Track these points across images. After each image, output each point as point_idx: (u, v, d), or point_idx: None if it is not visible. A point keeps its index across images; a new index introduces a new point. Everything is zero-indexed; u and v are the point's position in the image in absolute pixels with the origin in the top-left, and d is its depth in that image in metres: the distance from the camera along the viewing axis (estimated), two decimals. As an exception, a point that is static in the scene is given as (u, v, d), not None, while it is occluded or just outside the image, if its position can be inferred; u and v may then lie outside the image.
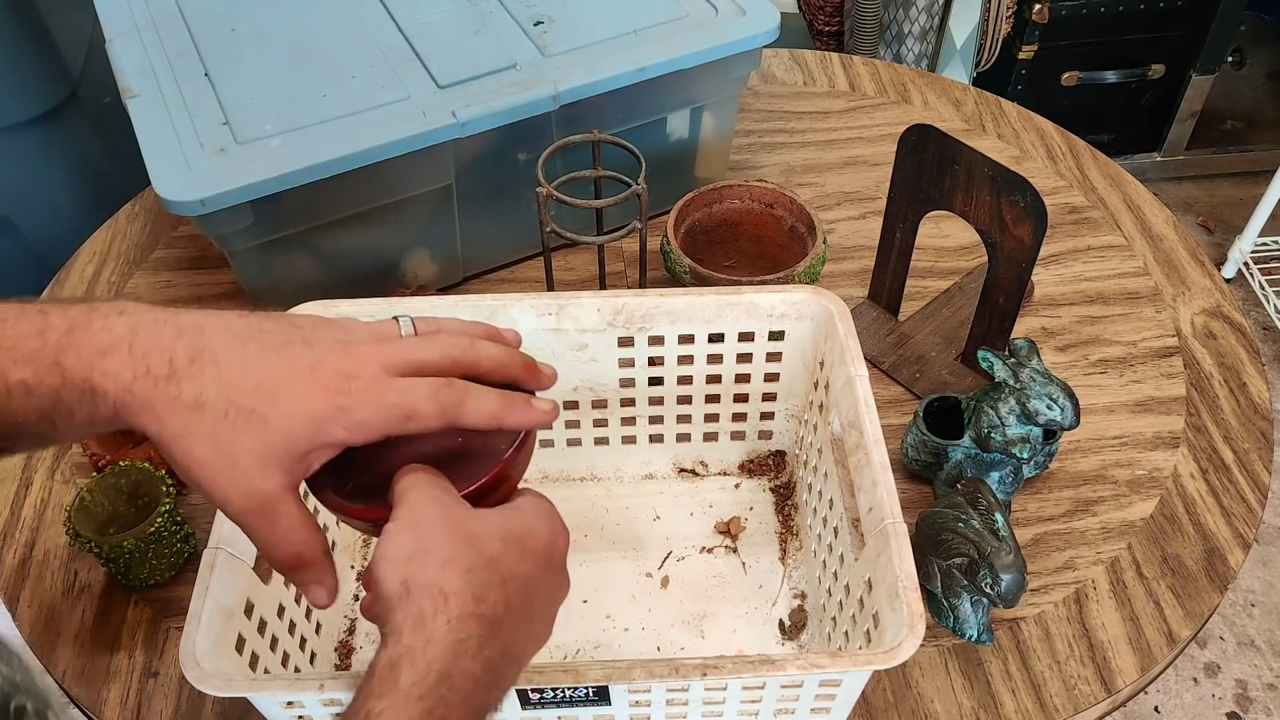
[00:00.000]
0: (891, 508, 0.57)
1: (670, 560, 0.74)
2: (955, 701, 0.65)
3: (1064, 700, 0.65)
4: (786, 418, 0.77)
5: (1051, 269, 0.90)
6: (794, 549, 0.74)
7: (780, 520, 0.76)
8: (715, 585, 0.72)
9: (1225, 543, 0.72)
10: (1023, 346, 0.70)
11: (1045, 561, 0.71)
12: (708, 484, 0.78)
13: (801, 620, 0.70)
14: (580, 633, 0.70)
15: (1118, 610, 0.69)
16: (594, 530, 0.76)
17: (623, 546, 0.75)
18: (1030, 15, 1.75)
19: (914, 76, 1.11)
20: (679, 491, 0.78)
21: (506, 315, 0.67)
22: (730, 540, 0.74)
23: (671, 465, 0.79)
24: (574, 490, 0.78)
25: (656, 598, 0.72)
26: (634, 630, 0.70)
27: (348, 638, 0.70)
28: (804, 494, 0.75)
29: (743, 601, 0.71)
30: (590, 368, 0.71)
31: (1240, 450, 0.77)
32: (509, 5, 0.85)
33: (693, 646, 0.69)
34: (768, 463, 0.79)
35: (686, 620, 0.71)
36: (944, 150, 0.72)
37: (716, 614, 0.71)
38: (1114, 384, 0.82)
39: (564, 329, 0.68)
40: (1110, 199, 0.97)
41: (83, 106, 1.19)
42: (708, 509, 0.77)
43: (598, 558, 0.74)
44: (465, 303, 0.66)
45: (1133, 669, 0.66)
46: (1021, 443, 0.68)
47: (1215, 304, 0.87)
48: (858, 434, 0.61)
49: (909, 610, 0.52)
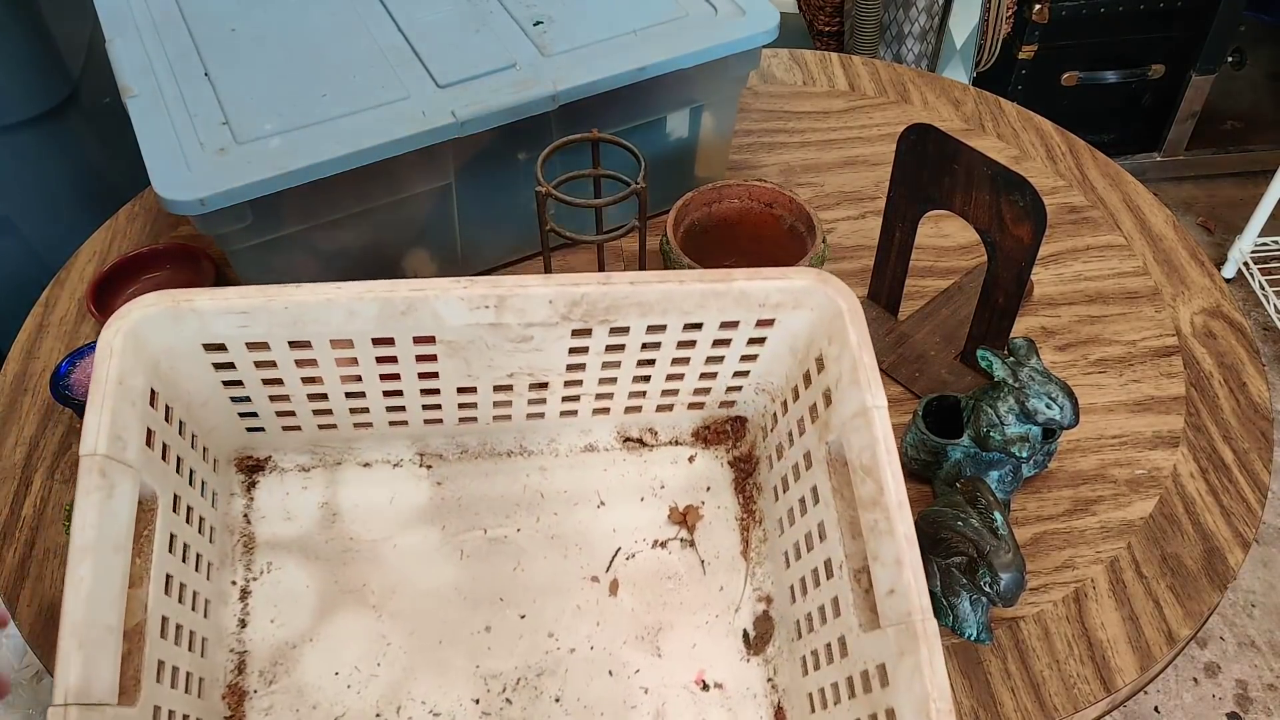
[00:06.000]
0: (921, 600, 0.48)
1: (619, 558, 0.66)
2: (954, 701, 0.65)
3: (1063, 700, 0.65)
4: (756, 391, 0.67)
5: (1051, 268, 0.90)
6: (757, 539, 0.67)
7: (740, 502, 0.69)
8: (671, 588, 0.66)
9: (1225, 542, 0.72)
10: (1022, 346, 0.70)
11: (1044, 561, 0.71)
12: (658, 456, 0.70)
13: (768, 630, 0.65)
14: (520, 657, 0.63)
15: (1117, 610, 0.69)
16: (528, 523, 0.67)
17: (563, 543, 0.67)
18: (1030, 15, 1.75)
19: (913, 76, 1.12)
20: (625, 469, 0.69)
21: (428, 310, 0.56)
22: (686, 532, 0.68)
23: (615, 435, 0.70)
24: (499, 467, 0.69)
25: (605, 607, 0.65)
26: (581, 650, 0.64)
27: (237, 679, 0.61)
28: (767, 474, 0.67)
29: (702, 608, 0.66)
30: (532, 357, 0.62)
31: (1240, 450, 0.77)
32: (508, 5, 0.85)
33: (649, 668, 0.63)
34: (725, 429, 0.70)
35: (640, 635, 0.64)
36: (943, 149, 0.72)
37: (674, 625, 0.65)
38: (1113, 383, 0.82)
39: (504, 324, 0.58)
40: (1110, 198, 0.97)
41: (83, 106, 1.19)
42: (659, 490, 0.69)
43: (534, 559, 0.66)
44: (372, 294, 0.55)
45: (1132, 668, 0.66)
46: (1020, 442, 0.68)
47: (1215, 303, 0.87)
48: (875, 487, 0.52)
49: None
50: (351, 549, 0.67)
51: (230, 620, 0.63)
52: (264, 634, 0.63)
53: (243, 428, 0.65)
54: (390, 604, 0.65)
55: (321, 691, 0.62)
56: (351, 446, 0.70)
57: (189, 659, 0.56)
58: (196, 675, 0.57)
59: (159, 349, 0.55)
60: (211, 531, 0.63)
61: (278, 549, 0.66)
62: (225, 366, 0.59)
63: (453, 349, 0.59)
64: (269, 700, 0.61)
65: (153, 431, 0.54)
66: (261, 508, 0.67)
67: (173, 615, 0.55)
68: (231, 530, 0.66)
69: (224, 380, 0.60)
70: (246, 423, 0.65)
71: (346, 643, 0.63)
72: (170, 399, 0.57)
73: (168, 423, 0.57)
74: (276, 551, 0.66)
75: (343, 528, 0.67)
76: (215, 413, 0.62)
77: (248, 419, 0.65)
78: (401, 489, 0.69)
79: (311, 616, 0.64)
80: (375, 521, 0.68)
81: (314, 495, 0.68)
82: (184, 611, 0.56)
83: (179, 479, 0.58)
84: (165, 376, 0.56)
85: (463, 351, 0.60)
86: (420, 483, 0.69)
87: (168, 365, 0.56)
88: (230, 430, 0.65)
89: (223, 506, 0.66)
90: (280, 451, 0.69)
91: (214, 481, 0.65)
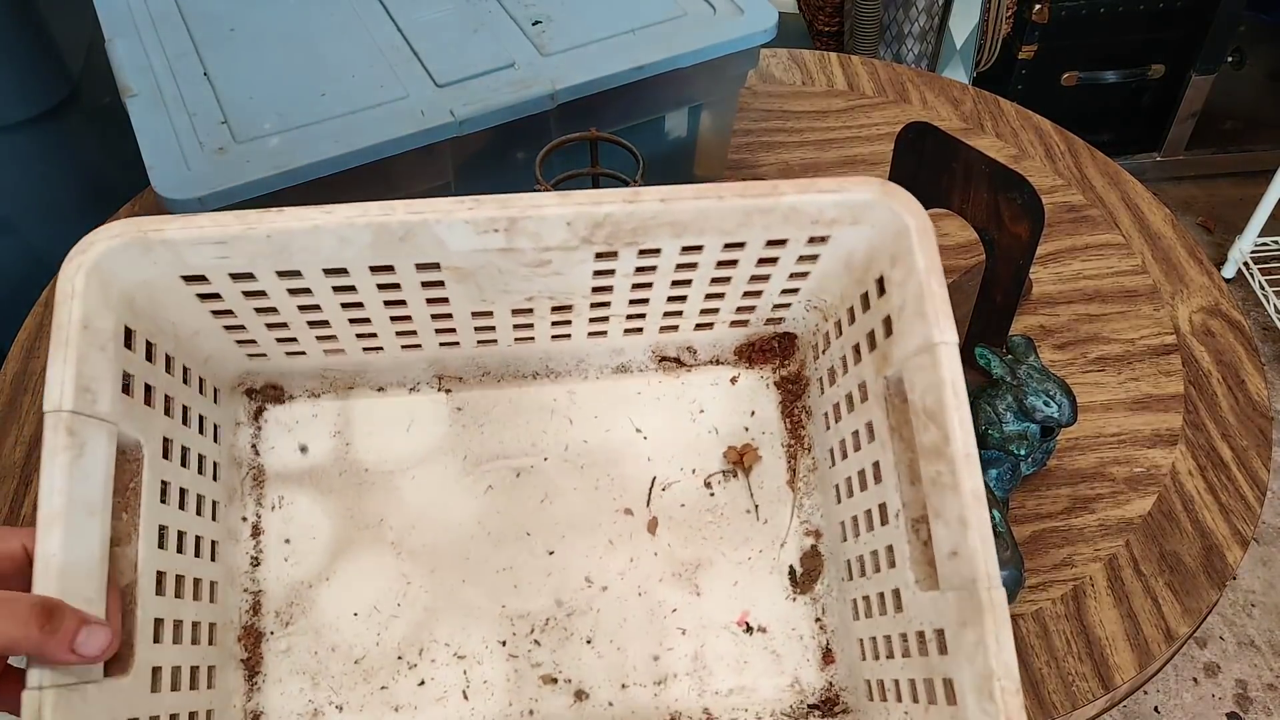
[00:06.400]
0: (989, 567, 0.43)
1: (655, 489, 0.62)
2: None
3: (1062, 697, 0.65)
4: (806, 308, 0.61)
5: (1050, 267, 0.90)
6: (805, 468, 0.62)
7: (788, 428, 0.63)
8: (711, 523, 0.61)
9: (1224, 540, 0.72)
10: (1020, 343, 0.70)
11: (1043, 559, 0.71)
12: (697, 377, 0.64)
13: (816, 567, 0.60)
14: (548, 595, 0.60)
15: (1116, 607, 0.69)
16: (556, 452, 0.63)
17: (594, 473, 0.62)
18: (1030, 15, 1.76)
19: (912, 76, 1.12)
20: (661, 391, 0.64)
21: (429, 235, 0.50)
22: (739, 470, 0.62)
23: (650, 354, 0.64)
24: (524, 390, 0.64)
25: (640, 542, 0.61)
26: (614, 588, 0.60)
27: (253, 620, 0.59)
28: (818, 398, 0.61)
29: (744, 543, 0.61)
30: (552, 281, 0.56)
31: (1239, 448, 0.77)
32: (507, 4, 0.85)
33: (687, 607, 0.60)
34: (771, 346, 0.64)
35: (677, 573, 0.60)
36: (941, 148, 0.73)
37: (713, 561, 0.61)
38: (1112, 381, 0.82)
39: (517, 249, 0.52)
40: (1108, 197, 0.97)
41: (83, 106, 1.19)
42: (698, 414, 0.63)
43: (563, 491, 0.62)
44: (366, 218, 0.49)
45: (1131, 666, 0.66)
46: (1019, 439, 0.68)
47: (1214, 302, 0.88)
48: (939, 435, 0.46)
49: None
50: (367, 481, 0.62)
51: (242, 559, 0.59)
52: (278, 573, 0.60)
53: (243, 354, 0.60)
54: (410, 540, 0.61)
55: (340, 633, 0.59)
56: (363, 371, 0.64)
57: (195, 608, 0.53)
58: (206, 622, 0.54)
59: (131, 284, 0.50)
60: (216, 468, 0.59)
61: (289, 482, 0.62)
62: (212, 297, 0.53)
63: (461, 275, 0.54)
64: (286, 642, 0.58)
65: (130, 375, 0.49)
66: (270, 438, 0.63)
67: (171, 567, 0.51)
68: (239, 463, 0.61)
69: (213, 310, 0.54)
70: (246, 350, 0.60)
71: (365, 582, 0.60)
72: (151, 334, 0.52)
73: (150, 361, 0.52)
74: (288, 485, 0.62)
75: (357, 458, 0.63)
76: (209, 341, 0.57)
77: (247, 346, 0.59)
78: (419, 415, 0.64)
79: (327, 554, 0.61)
80: (391, 451, 0.63)
81: (325, 423, 0.63)
82: (185, 560, 0.53)
83: (169, 420, 0.53)
84: (142, 311, 0.51)
85: (472, 277, 0.54)
86: (439, 408, 0.64)
87: (145, 299, 0.51)
88: (229, 358, 0.60)
89: (227, 439, 0.61)
90: (287, 377, 0.63)
91: (215, 414, 0.60)
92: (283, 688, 0.57)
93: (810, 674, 0.59)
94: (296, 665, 0.58)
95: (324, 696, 0.57)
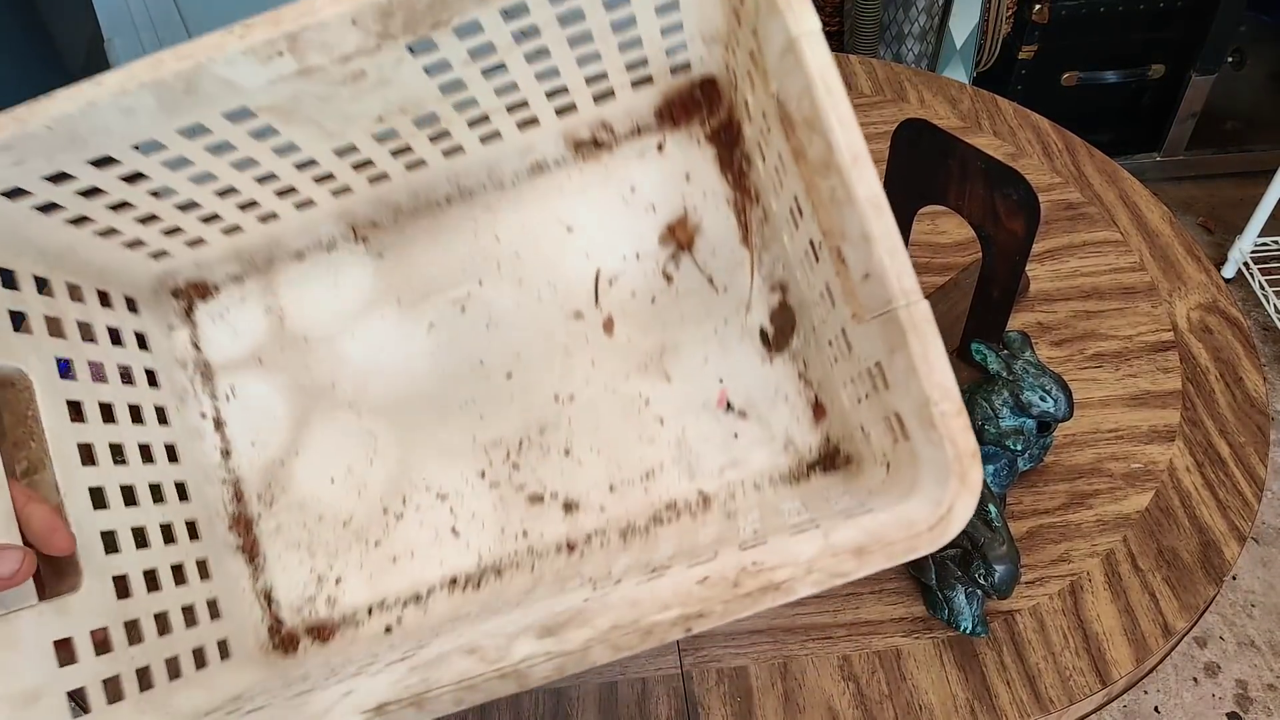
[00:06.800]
0: (901, 281, 0.38)
1: (601, 284, 0.58)
2: (950, 693, 0.65)
3: (1059, 692, 0.65)
4: (705, 41, 0.54)
5: (1047, 264, 0.90)
6: (757, 220, 0.56)
7: (731, 182, 0.57)
8: (667, 303, 0.57)
9: (1221, 535, 0.72)
10: (1016, 339, 0.70)
11: (1040, 554, 0.71)
12: (620, 156, 0.59)
13: (788, 322, 0.55)
14: (516, 418, 0.57)
15: (1113, 602, 0.69)
16: (489, 272, 0.59)
17: (534, 284, 0.58)
18: (1030, 15, 1.76)
19: (910, 75, 1.12)
20: (585, 180, 0.59)
21: (215, 81, 0.45)
22: (682, 249, 0.57)
23: (564, 143, 0.59)
24: (441, 220, 0.60)
25: (598, 343, 0.57)
26: (581, 395, 0.57)
27: (238, 508, 0.59)
28: (755, 137, 0.54)
29: (707, 316, 0.57)
30: (386, 93, 0.50)
31: (1236, 444, 0.77)
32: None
33: (660, 396, 0.56)
34: (694, 98, 0.57)
35: (643, 364, 0.57)
36: (937, 145, 0.73)
37: (678, 344, 0.57)
38: (1109, 378, 0.82)
39: (315, 67, 0.46)
40: (1106, 195, 0.97)
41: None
42: (630, 195, 0.58)
43: (507, 310, 0.59)
44: (136, 80, 0.44)
45: (1128, 660, 0.66)
46: (1015, 435, 0.68)
47: (1211, 299, 0.88)
48: (823, 145, 0.40)
49: (953, 447, 0.37)
50: (310, 350, 0.61)
51: (212, 453, 0.60)
52: (250, 458, 0.60)
53: (141, 257, 0.58)
54: (366, 397, 0.60)
55: (322, 502, 0.59)
56: (274, 241, 0.61)
57: (159, 511, 0.53)
58: (181, 520, 0.54)
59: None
60: (153, 374, 0.58)
61: (236, 369, 0.61)
62: (52, 208, 0.50)
63: (284, 115, 0.49)
64: (274, 521, 0.59)
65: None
66: (207, 332, 0.61)
67: (113, 479, 0.51)
68: (183, 364, 0.61)
69: (66, 220, 0.51)
70: (139, 252, 0.57)
71: (333, 447, 0.60)
72: (7, 261, 0.50)
73: (13, 288, 0.49)
74: (236, 372, 0.61)
75: (295, 329, 0.62)
76: (91, 253, 0.55)
77: (136, 248, 0.57)
78: (343, 271, 0.62)
79: (290, 429, 0.60)
80: (326, 314, 0.62)
81: (255, 303, 0.62)
82: (129, 470, 0.53)
83: (61, 342, 0.51)
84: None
85: (298, 114, 0.50)
86: (361, 259, 0.61)
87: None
88: (127, 265, 0.58)
89: (161, 343, 0.60)
90: (204, 268, 0.61)
91: (135, 323, 0.58)
92: (283, 563, 0.59)
93: (803, 432, 0.56)
94: (290, 540, 0.59)
95: (323, 563, 0.59)
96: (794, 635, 0.68)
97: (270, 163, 0.54)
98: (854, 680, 0.66)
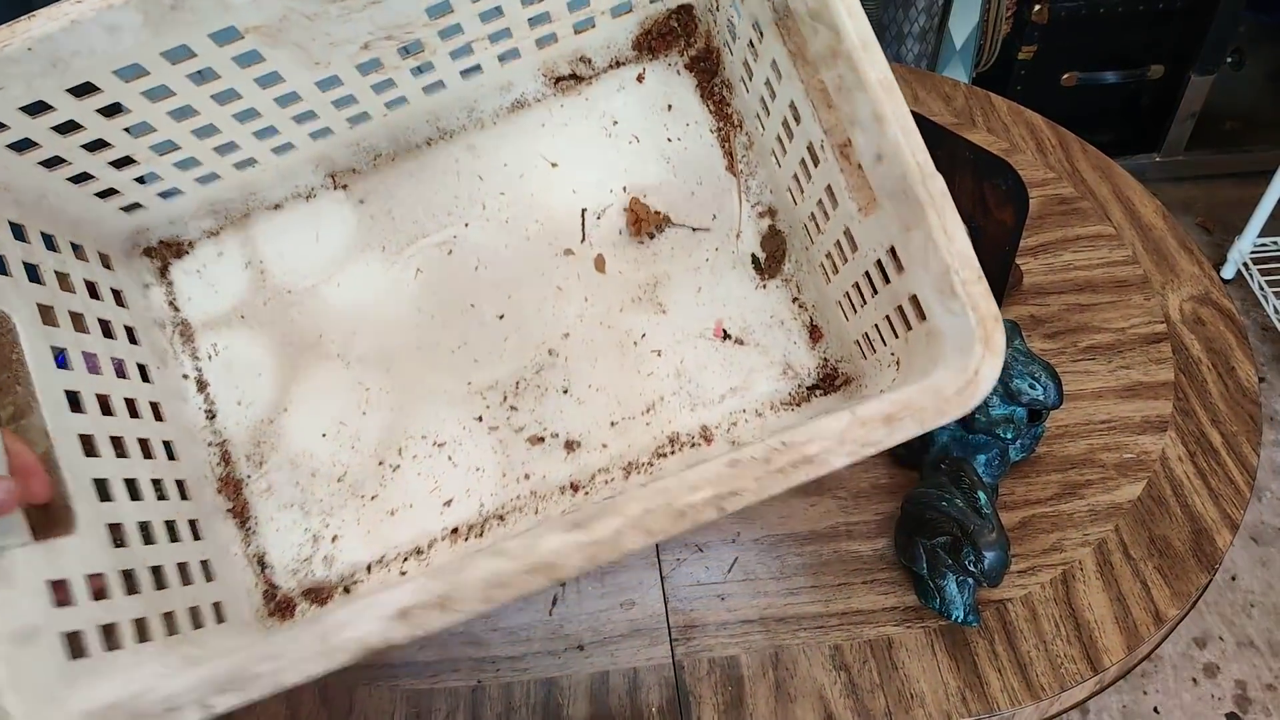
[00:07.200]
0: (918, 158, 0.39)
1: (590, 221, 0.57)
2: (941, 681, 0.65)
3: (1050, 679, 0.65)
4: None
5: (1040, 258, 0.91)
6: (741, 146, 0.57)
7: (713, 109, 0.58)
8: (657, 236, 0.57)
9: (1213, 523, 0.72)
10: (1005, 328, 0.70)
11: (1032, 544, 0.71)
12: (600, 88, 0.59)
13: (779, 247, 0.56)
14: (511, 360, 0.56)
15: (1105, 591, 0.69)
16: (474, 214, 0.58)
17: (520, 223, 0.58)
18: (1030, 15, 1.76)
19: (904, 73, 1.12)
20: (566, 115, 0.59)
21: (92, 31, 0.44)
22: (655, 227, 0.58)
23: (543, 78, 0.59)
24: (422, 161, 0.59)
25: (589, 279, 0.57)
26: (576, 332, 0.57)
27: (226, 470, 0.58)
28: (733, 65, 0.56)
29: (698, 247, 0.57)
30: (372, 13, 0.50)
31: (1228, 433, 0.77)
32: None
33: (655, 328, 0.56)
34: (671, 27, 0.58)
35: (636, 297, 0.57)
36: (926, 137, 0.73)
37: (670, 275, 0.57)
38: (1102, 370, 0.82)
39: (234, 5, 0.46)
40: (1100, 190, 0.97)
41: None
42: (612, 127, 0.58)
43: (495, 251, 0.58)
44: None
45: (1119, 648, 0.66)
46: (1005, 423, 0.68)
47: (1204, 290, 0.88)
48: (830, 35, 0.41)
49: (976, 313, 0.37)
50: (293, 302, 0.60)
51: (197, 415, 0.58)
52: (236, 418, 0.58)
53: (113, 209, 0.56)
54: (354, 347, 0.59)
55: (315, 457, 0.57)
56: (251, 192, 0.60)
57: (150, 466, 0.52)
58: (171, 478, 0.53)
59: None
60: (132, 332, 0.56)
61: (217, 327, 0.60)
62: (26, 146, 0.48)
63: (270, 36, 0.49)
64: (265, 482, 0.57)
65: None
66: (184, 291, 0.60)
67: (100, 429, 0.49)
68: (162, 324, 0.59)
69: (39, 162, 0.50)
70: (113, 203, 0.56)
71: (323, 401, 0.58)
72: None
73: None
74: (217, 330, 0.60)
75: (276, 283, 0.60)
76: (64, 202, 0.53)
77: (111, 198, 0.55)
78: (324, 220, 0.60)
79: (277, 386, 0.59)
80: (308, 265, 0.60)
81: (234, 258, 0.60)
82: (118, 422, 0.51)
83: (40, 288, 0.50)
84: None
85: (285, 35, 0.49)
86: (341, 207, 0.60)
87: None
88: (100, 217, 0.56)
89: (137, 302, 0.59)
90: (178, 224, 0.60)
91: (111, 280, 0.57)
92: (276, 524, 0.57)
93: (801, 355, 0.56)
94: (283, 500, 0.57)
95: (318, 522, 0.57)
96: (785, 625, 0.68)
97: (252, 96, 0.53)
98: (845, 669, 0.66)
